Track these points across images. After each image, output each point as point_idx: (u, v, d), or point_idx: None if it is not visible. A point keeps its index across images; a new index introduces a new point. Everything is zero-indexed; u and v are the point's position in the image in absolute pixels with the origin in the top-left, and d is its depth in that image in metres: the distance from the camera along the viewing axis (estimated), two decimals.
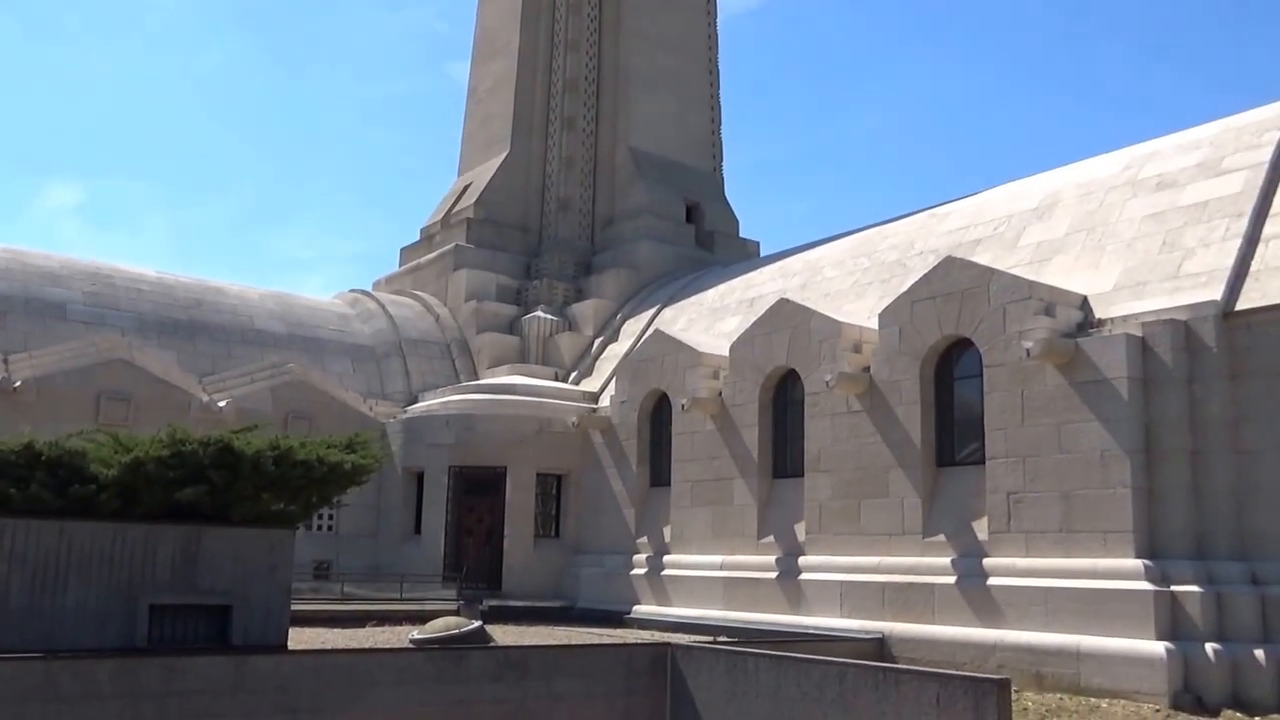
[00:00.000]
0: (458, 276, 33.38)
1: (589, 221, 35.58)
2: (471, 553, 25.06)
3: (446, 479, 25.47)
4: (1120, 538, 14.75)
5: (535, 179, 36.02)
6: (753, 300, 25.10)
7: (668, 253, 33.37)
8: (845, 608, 18.02)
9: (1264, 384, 14.55)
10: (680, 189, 35.32)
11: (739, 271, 29.10)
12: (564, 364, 30.57)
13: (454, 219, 35.72)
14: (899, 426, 17.93)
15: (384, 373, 30.16)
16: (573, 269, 34.01)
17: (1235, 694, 13.58)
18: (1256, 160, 16.89)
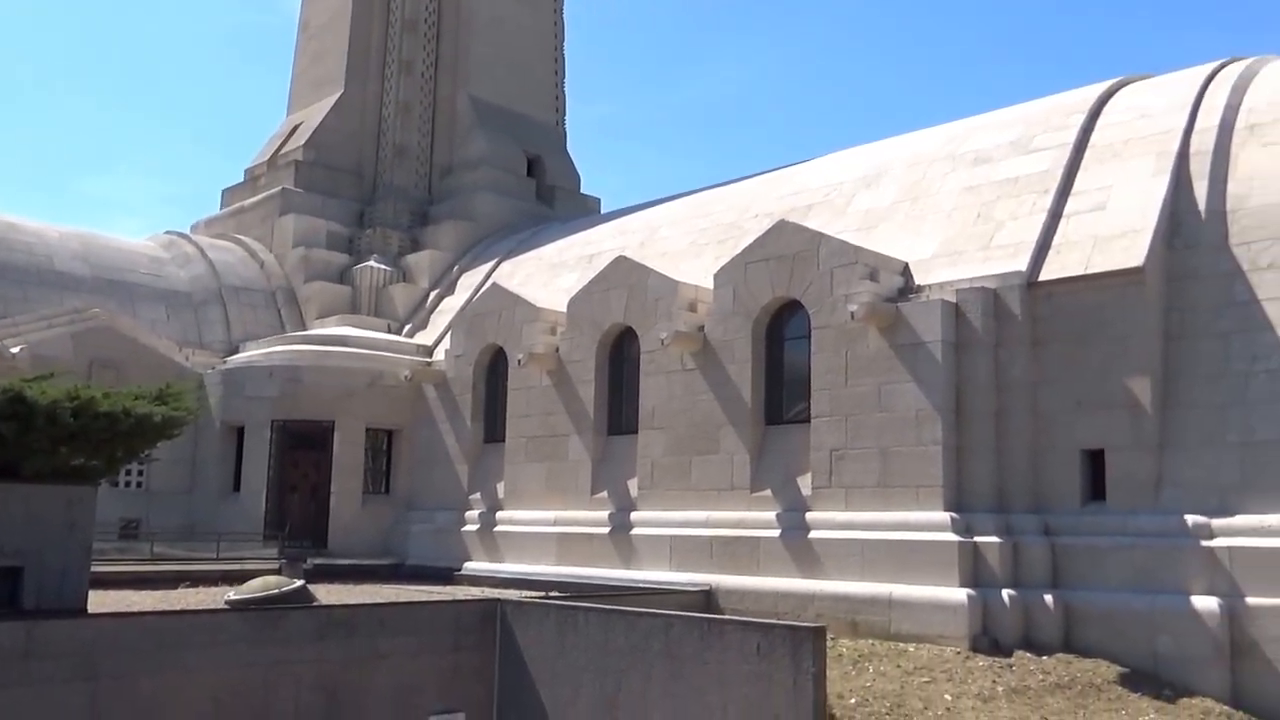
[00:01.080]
0: (285, 221, 32.05)
1: (427, 170, 34.75)
2: (295, 510, 24.35)
3: (269, 433, 24.58)
4: (930, 492, 15.65)
5: (370, 123, 34.85)
6: (592, 257, 25.17)
7: (507, 206, 32.98)
8: (675, 561, 18.49)
9: (1060, 350, 15.64)
10: (522, 141, 34.88)
11: (579, 228, 29.08)
12: (397, 316, 29.93)
13: (282, 160, 34.21)
14: (731, 385, 18.41)
15: (202, 321, 28.73)
16: (408, 218, 33.19)
17: (1027, 636, 14.67)
18: (1063, 141, 17.97)
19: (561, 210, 34.08)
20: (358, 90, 34.78)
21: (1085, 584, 14.78)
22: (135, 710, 11.49)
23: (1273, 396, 14.15)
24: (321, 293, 30.35)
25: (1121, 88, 19.13)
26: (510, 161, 34.15)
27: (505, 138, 34.39)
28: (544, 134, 36.22)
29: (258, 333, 28.75)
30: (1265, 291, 14.64)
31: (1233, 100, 16.82)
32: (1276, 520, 13.64)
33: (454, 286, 29.94)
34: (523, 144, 34.85)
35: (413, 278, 30.94)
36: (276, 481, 24.53)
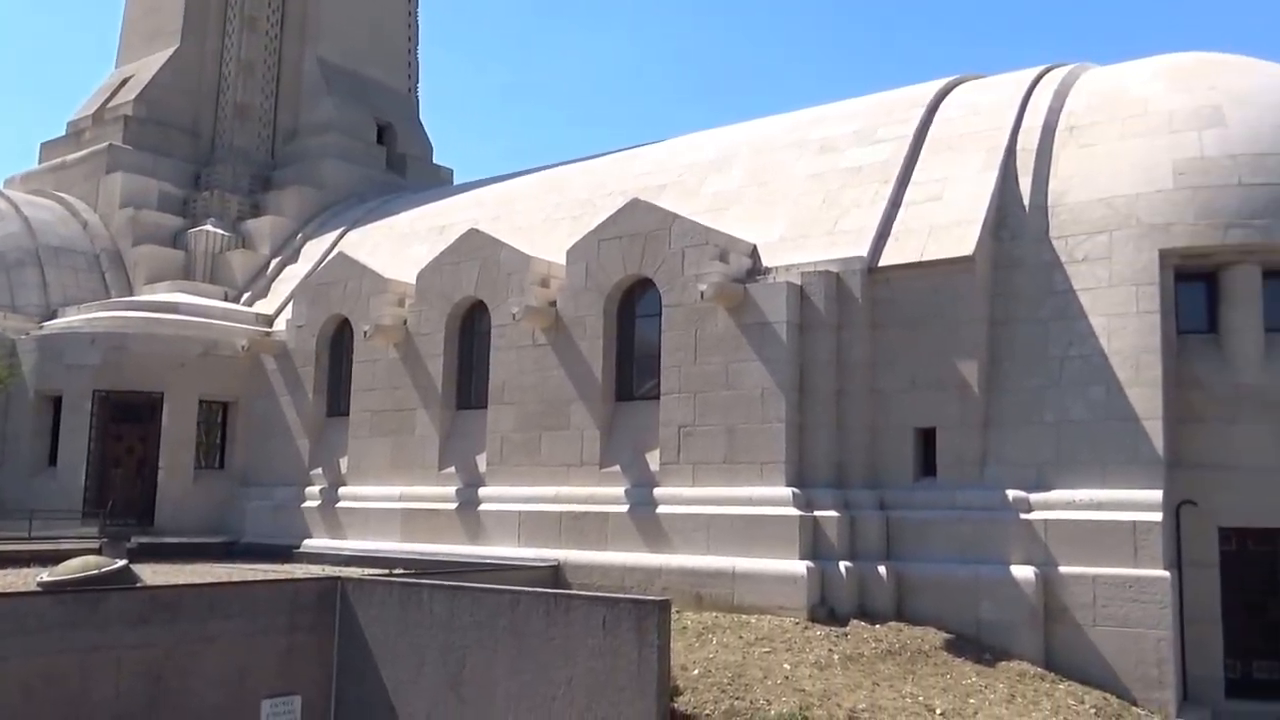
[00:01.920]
0: (112, 180, 30.26)
1: (270, 132, 33.41)
2: (119, 486, 23.16)
3: (90, 404, 23.22)
4: (774, 468, 16.16)
5: (209, 80, 33.23)
6: (443, 228, 24.79)
7: (356, 173, 32.08)
8: (523, 537, 18.53)
9: (897, 333, 16.40)
10: (372, 107, 33.94)
11: (431, 198, 28.57)
12: (235, 284, 28.77)
13: (109, 115, 32.26)
14: (582, 361, 18.52)
15: (15, 283, 26.83)
16: (249, 182, 31.88)
17: (862, 606, 15.39)
18: (903, 133, 18.76)
19: (413, 180, 33.39)
20: (195, 45, 33.10)
21: (916, 555, 15.60)
22: None
23: (1085, 380, 15.23)
24: (152, 256, 28.87)
25: (957, 85, 20.09)
26: (359, 127, 33.20)
27: (354, 102, 33.40)
28: (395, 100, 35.33)
29: (79, 297, 27.15)
30: (1080, 282, 15.71)
31: (1055, 103, 17.90)
32: (1086, 495, 14.74)
33: (297, 255, 29.00)
34: (373, 110, 33.93)
35: (253, 244, 29.78)
36: (98, 456, 23.25)
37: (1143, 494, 14.38)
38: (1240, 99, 16.43)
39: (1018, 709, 12.63)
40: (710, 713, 11.70)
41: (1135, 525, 14.23)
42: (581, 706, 11.77)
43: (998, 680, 13.51)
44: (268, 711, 13.19)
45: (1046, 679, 13.92)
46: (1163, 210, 15.58)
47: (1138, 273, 15.33)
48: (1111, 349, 15.16)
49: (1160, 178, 15.82)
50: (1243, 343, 15.20)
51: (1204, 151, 15.88)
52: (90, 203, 30.41)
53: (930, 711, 12.09)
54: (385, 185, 32.33)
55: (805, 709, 11.60)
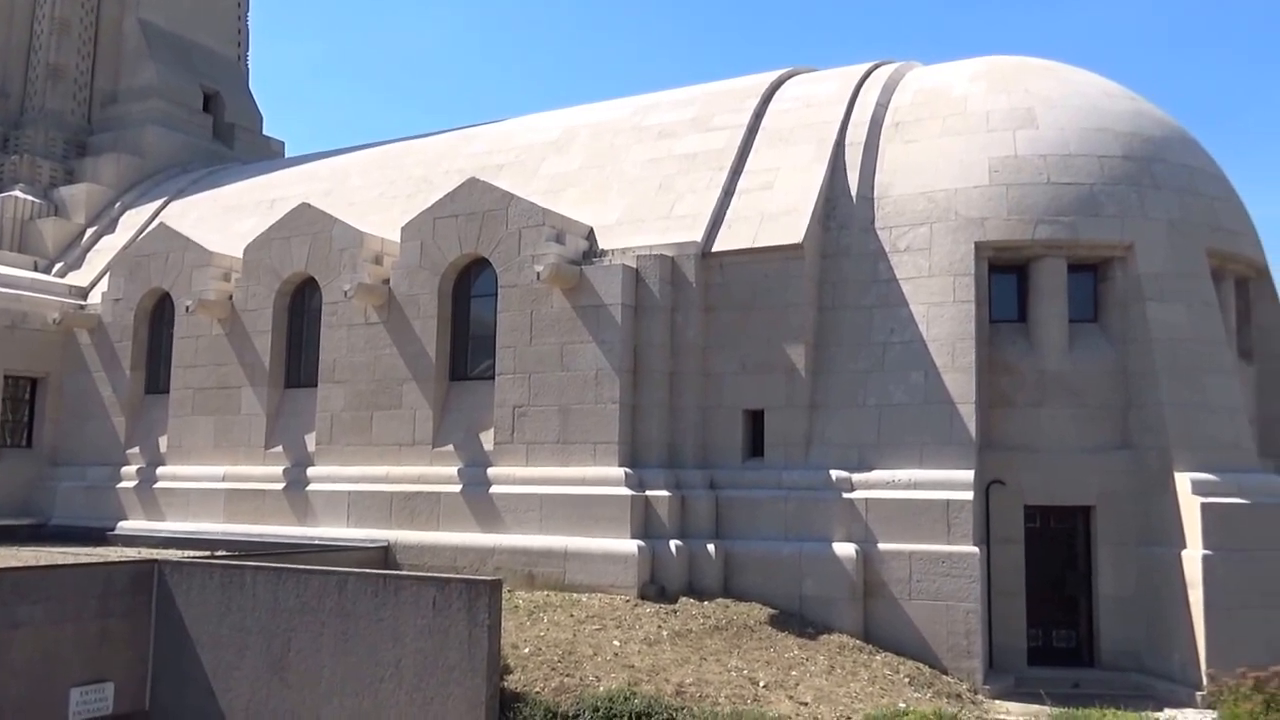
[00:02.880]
0: None
1: (87, 96, 31.39)
2: None
3: None
4: (607, 448, 16.31)
5: (19, 38, 30.98)
6: (273, 202, 23.92)
7: (180, 141, 30.52)
8: (353, 518, 18.15)
9: (728, 317, 16.80)
10: (199, 74, 32.34)
11: (260, 170, 27.48)
12: (46, 253, 27.01)
13: None
14: (415, 340, 18.22)
15: None
16: (63, 147, 29.94)
17: (691, 583, 15.74)
18: (738, 122, 19.17)
19: (241, 151, 32.01)
20: None
21: (744, 534, 16.04)
22: None
23: (904, 365, 15.96)
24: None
25: (791, 77, 20.66)
26: (184, 94, 31.60)
27: (179, 68, 31.77)
28: (224, 68, 33.78)
29: None
30: (903, 271, 16.43)
31: (882, 99, 18.63)
32: (902, 475, 15.45)
33: (115, 225, 27.42)
34: (199, 77, 32.35)
35: (66, 212, 28.01)
36: None
37: (956, 474, 15.17)
38: (1051, 102, 17.46)
39: (837, 679, 13.16)
40: (540, 690, 11.77)
41: (949, 504, 15.00)
42: (410, 687, 11.68)
43: (819, 653, 14.05)
44: (76, 700, 12.65)
45: (865, 651, 14.56)
46: (979, 205, 16.43)
47: (955, 264, 16.14)
48: (930, 336, 15.92)
49: (977, 174, 16.68)
50: (1049, 332, 16.16)
51: (1017, 151, 16.82)
52: None
53: (754, 684, 12.47)
54: (212, 155, 30.92)
55: (634, 684, 11.79)
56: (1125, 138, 17.00)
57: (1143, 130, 17.30)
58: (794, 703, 12.04)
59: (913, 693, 13.22)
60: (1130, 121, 17.37)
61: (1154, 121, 17.72)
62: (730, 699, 11.82)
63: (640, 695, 11.25)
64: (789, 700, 12.09)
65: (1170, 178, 16.78)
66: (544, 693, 11.70)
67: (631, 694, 11.30)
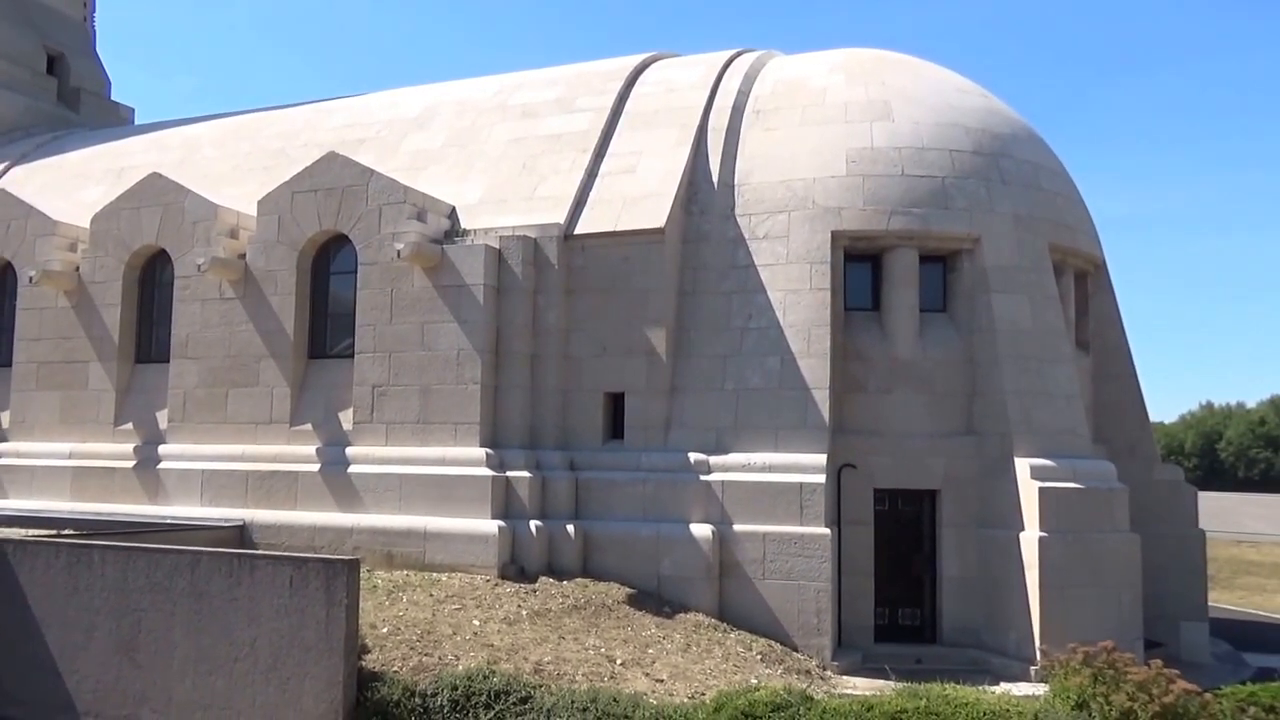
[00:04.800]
0: None
1: None
2: None
3: None
4: (468, 429, 16.32)
5: None
6: (122, 170, 22.93)
7: (21, 104, 28.82)
8: (206, 497, 17.72)
9: (590, 299, 16.94)
10: (41, 33, 30.55)
11: (109, 138, 26.23)
12: None
13: None
14: (273, 316, 17.82)
15: None
16: None
17: (550, 563, 15.92)
18: (602, 104, 19.24)
19: (88, 117, 30.44)
20: None
21: (603, 514, 16.27)
22: None
23: (761, 350, 16.39)
24: None
25: (654, 62, 20.80)
26: (26, 55, 29.81)
27: (21, 27, 29.96)
28: (69, 29, 32.00)
29: None
30: (761, 258, 16.85)
31: (744, 87, 18.98)
32: (758, 458, 15.90)
33: None
34: (42, 36, 30.55)
35: None
36: None
37: (809, 458, 15.67)
38: (908, 96, 18.09)
39: (692, 657, 13.52)
40: (399, 669, 11.78)
41: (802, 486, 15.50)
42: (266, 667, 11.55)
43: (675, 631, 14.39)
44: None
45: (719, 629, 14.95)
46: (836, 195, 16.94)
47: (812, 251, 16.63)
48: (787, 322, 16.38)
49: (834, 164, 17.18)
50: (900, 320, 16.75)
51: (874, 142, 17.37)
52: None
53: (611, 661, 12.73)
54: (56, 120, 29.33)
55: (493, 663, 11.90)
56: (975, 133, 17.68)
57: (992, 126, 18.03)
58: (650, 680, 12.34)
59: (764, 669, 13.68)
60: (981, 118, 18.08)
61: (1003, 119, 18.49)
62: (588, 676, 12.06)
63: (499, 674, 11.38)
64: (645, 677, 12.39)
65: (1017, 173, 17.51)
66: (402, 672, 11.72)
67: (490, 672, 11.41)
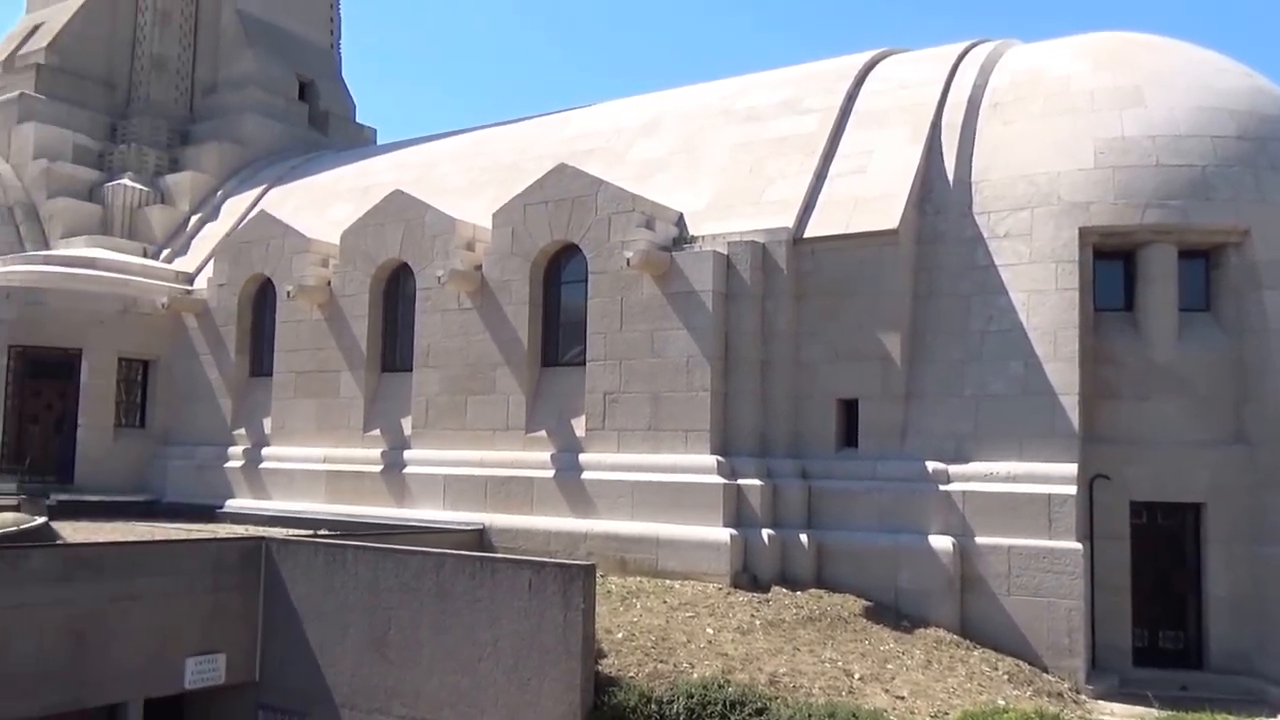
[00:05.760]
0: (24, 130, 29.15)
1: (188, 86, 32.36)
2: (38, 443, 22.62)
3: (7, 360, 22.59)
4: (698, 436, 16.30)
5: (124, 30, 32.03)
6: (367, 188, 24.36)
7: (277, 130, 31.28)
8: (448, 501, 18.47)
9: (821, 304, 16.57)
10: (293, 62, 33.06)
11: (354, 158, 28.02)
12: (154, 239, 27.96)
13: (20, 62, 30.96)
14: (508, 325, 18.42)
15: None
16: (167, 136, 30.90)
17: (783, 573, 15.66)
18: (830, 104, 18.85)
19: (335, 139, 32.68)
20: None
21: (837, 524, 15.87)
22: None
23: (1003, 354, 15.57)
24: (68, 210, 27.92)
25: (884, 58, 20.22)
26: (281, 83, 32.35)
27: (276, 57, 32.51)
28: (318, 57, 34.48)
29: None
30: (1002, 258, 16.01)
31: (980, 80, 18.12)
32: (1001, 467, 15.11)
33: (217, 211, 28.26)
34: (295, 65, 33.06)
35: (172, 200, 28.94)
36: (15, 412, 22.66)
37: (1058, 467, 14.76)
38: (1160, 80, 16.79)
39: (934, 674, 12.97)
40: (634, 675, 11.83)
41: (1050, 498, 14.62)
42: (507, 667, 11.84)
43: (915, 646, 13.86)
44: (191, 669, 13.12)
45: (962, 646, 14.31)
46: (1083, 189, 15.91)
47: (1058, 250, 15.66)
48: (1031, 324, 15.49)
49: (1081, 156, 16.14)
50: (1157, 321, 15.58)
51: (1124, 132, 16.21)
52: (2, 153, 29.30)
53: (849, 676, 12.37)
54: (307, 143, 31.62)
55: (727, 672, 11.78)
56: (1240, 116, 16.24)
57: (1260, 108, 16.49)
58: (890, 696, 11.91)
59: (1012, 690, 12.98)
60: (1246, 99, 16.58)
61: (1272, 99, 16.86)
62: (824, 690, 11.75)
63: (734, 684, 11.25)
64: (885, 694, 11.97)
65: None
66: (638, 677, 11.77)
67: (725, 682, 11.30)
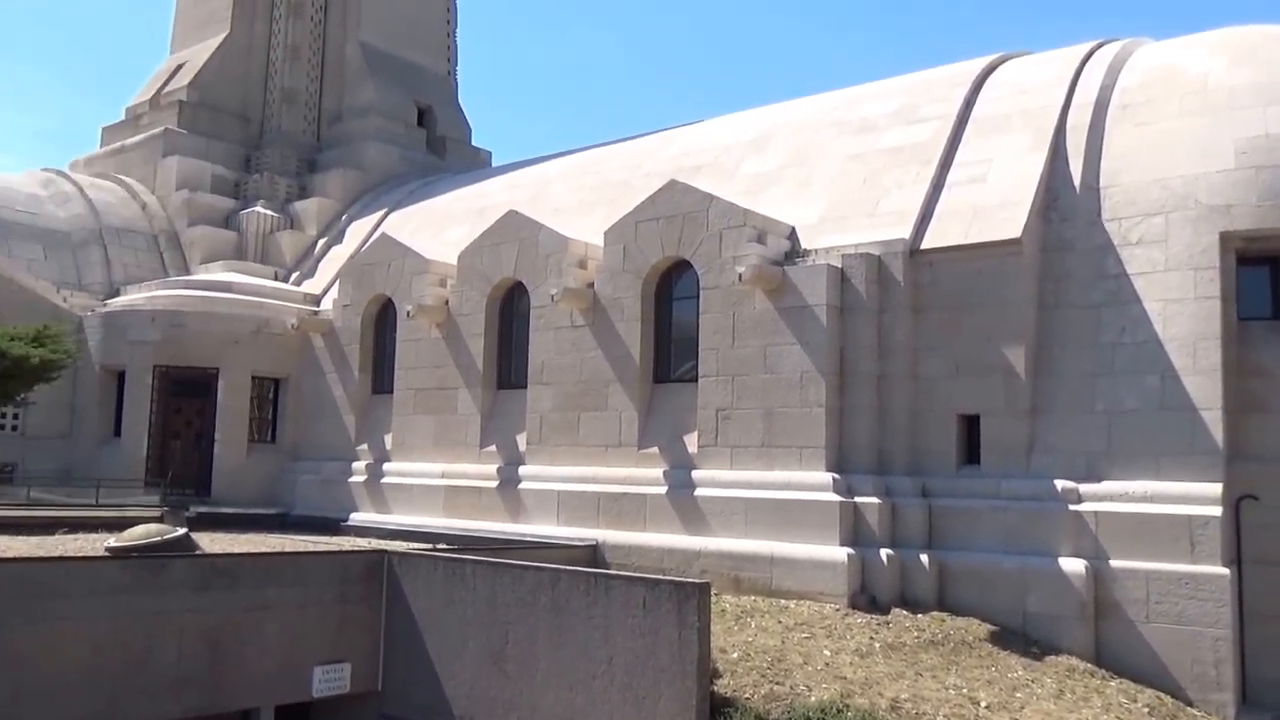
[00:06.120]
0: (168, 163, 30.83)
1: (315, 116, 33.74)
2: (178, 457, 23.74)
3: (151, 379, 23.86)
4: (813, 453, 15.99)
5: (258, 66, 33.61)
6: (482, 210, 24.83)
7: (397, 155, 32.30)
8: (562, 516, 18.57)
9: (940, 317, 16.07)
10: (412, 90, 34.11)
11: (469, 180, 28.65)
12: (284, 263, 29.14)
13: (164, 100, 32.80)
14: (620, 342, 18.46)
15: (81, 262, 27.62)
16: (296, 165, 32.25)
17: (903, 594, 15.16)
18: (946, 112, 18.34)
19: (452, 162, 33.52)
20: (244, 31, 33.49)
21: (960, 544, 15.29)
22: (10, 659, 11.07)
23: (1138, 367, 14.77)
24: (206, 237, 29.39)
25: (1002, 63, 19.59)
26: (400, 110, 33.41)
27: (396, 86, 33.59)
28: (435, 84, 35.49)
29: (139, 276, 27.82)
30: (1135, 266, 15.23)
31: (1108, 80, 17.34)
32: (1138, 487, 14.30)
33: (342, 235, 29.26)
34: (413, 93, 34.11)
35: (300, 225, 30.11)
36: (158, 428, 23.89)
37: (1200, 487, 13.87)
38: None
39: (1067, 704, 12.33)
40: (750, 696, 11.62)
41: (1192, 519, 13.76)
42: (622, 685, 11.76)
43: (1045, 675, 13.22)
44: (319, 678, 13.45)
45: (1097, 675, 13.57)
46: (1224, 191, 15.01)
47: (1196, 256, 14.79)
48: (1167, 335, 14.68)
49: (1221, 157, 15.24)
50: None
51: (1268, 129, 15.22)
52: (148, 185, 31.04)
53: (974, 704, 11.86)
54: (426, 167, 32.52)
55: (846, 696, 11.45)
56: None
57: None
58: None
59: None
60: None
61: None
62: (949, 718, 11.31)
63: (853, 708, 10.93)
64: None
65: None
66: (754, 699, 11.54)
67: (844, 706, 10.99)
